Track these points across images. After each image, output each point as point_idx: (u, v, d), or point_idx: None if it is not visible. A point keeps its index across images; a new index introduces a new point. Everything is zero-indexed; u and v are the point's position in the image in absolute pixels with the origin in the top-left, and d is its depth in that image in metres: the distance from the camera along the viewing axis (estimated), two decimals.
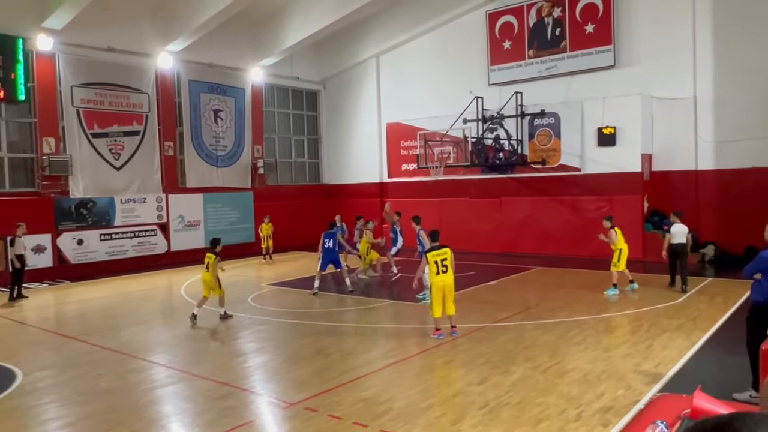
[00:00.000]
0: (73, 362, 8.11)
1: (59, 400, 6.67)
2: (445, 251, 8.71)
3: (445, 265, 8.61)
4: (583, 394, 6.19)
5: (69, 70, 16.55)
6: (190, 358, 8.25)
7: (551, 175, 17.77)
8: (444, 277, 8.59)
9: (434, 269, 8.59)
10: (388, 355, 8.07)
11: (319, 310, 11.39)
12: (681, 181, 16.46)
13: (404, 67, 21.78)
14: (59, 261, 16.28)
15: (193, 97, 19.66)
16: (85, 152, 16.94)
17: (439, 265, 8.58)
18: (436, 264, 8.58)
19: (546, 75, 18.45)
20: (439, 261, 8.59)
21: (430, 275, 8.69)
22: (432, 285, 8.69)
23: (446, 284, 8.60)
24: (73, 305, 12.91)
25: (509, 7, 19.11)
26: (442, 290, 8.58)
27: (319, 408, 6.07)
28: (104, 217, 17.29)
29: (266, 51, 20.75)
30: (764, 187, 14.93)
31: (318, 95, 24.50)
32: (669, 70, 16.26)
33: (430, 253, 8.73)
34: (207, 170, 20.03)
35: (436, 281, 8.58)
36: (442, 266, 8.59)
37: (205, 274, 10.52)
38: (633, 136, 16.37)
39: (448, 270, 8.65)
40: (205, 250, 11.23)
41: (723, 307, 10.22)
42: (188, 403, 6.58)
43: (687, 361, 7.31)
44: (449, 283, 8.63)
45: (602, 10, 17.29)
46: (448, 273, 8.64)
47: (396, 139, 21.75)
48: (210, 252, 10.56)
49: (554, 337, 8.55)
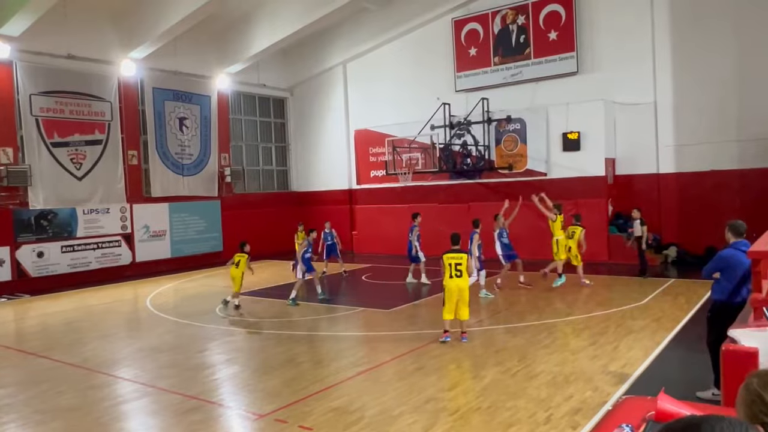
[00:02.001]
0: (34, 379, 7.85)
1: (19, 419, 6.44)
2: (462, 256, 8.69)
3: (459, 270, 8.58)
4: (552, 397, 6.26)
5: (27, 78, 16.10)
6: (156, 372, 8.06)
7: (518, 179, 17.99)
8: (458, 281, 8.58)
9: (448, 272, 8.61)
10: (359, 362, 8.03)
11: (289, 319, 11.27)
12: (643, 184, 16.86)
13: (371, 74, 21.83)
14: (18, 275, 15.75)
15: (158, 105, 19.33)
16: (45, 162, 16.48)
17: (453, 269, 8.57)
18: (450, 267, 8.58)
19: (511, 81, 18.72)
20: (453, 264, 8.58)
21: (444, 278, 8.68)
22: (445, 288, 8.69)
23: (461, 288, 8.60)
24: (34, 320, 12.51)
25: (474, 14, 19.35)
26: (455, 294, 8.58)
27: (289, 419, 5.99)
28: (66, 228, 16.82)
29: (232, 58, 20.55)
30: (722, 188, 15.41)
31: (285, 102, 24.37)
32: (630, 76, 16.67)
33: (446, 255, 8.72)
34: (173, 179, 19.68)
35: (450, 285, 8.59)
36: (456, 270, 8.57)
37: (233, 270, 11.95)
38: (597, 141, 16.72)
39: (463, 274, 8.62)
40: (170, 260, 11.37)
41: (686, 306, 10.48)
42: (154, 418, 6.43)
43: (652, 361, 7.46)
44: (464, 287, 8.63)
45: (564, 18, 17.64)
46: (462, 277, 8.61)
47: (364, 145, 21.76)
48: (240, 252, 12.05)
49: (523, 341, 8.64)
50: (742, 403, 1.79)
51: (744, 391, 1.81)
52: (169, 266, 18.95)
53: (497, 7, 18.83)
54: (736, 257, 6.05)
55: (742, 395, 1.81)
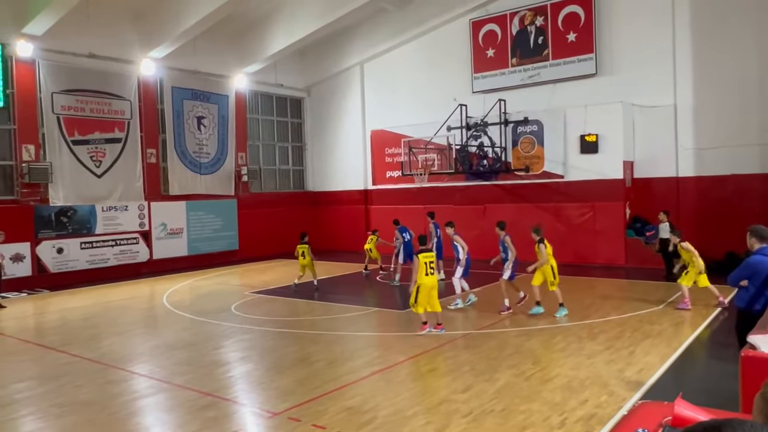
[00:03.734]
0: (52, 373, 7.97)
1: (37, 412, 6.53)
2: (433, 255, 9.44)
3: (432, 268, 9.19)
4: (566, 401, 6.21)
5: (49, 76, 16.35)
6: (171, 368, 8.14)
7: (535, 182, 17.89)
8: (432, 278, 9.18)
9: (424, 270, 9.09)
10: (372, 363, 8.04)
11: (303, 318, 11.32)
12: (662, 188, 16.66)
13: (389, 75, 21.85)
14: (38, 270, 16.01)
15: (176, 104, 19.53)
16: (66, 159, 16.73)
17: (428, 267, 9.12)
18: (426, 265, 9.10)
19: (529, 83, 18.62)
20: (428, 263, 9.15)
21: (420, 276, 9.09)
22: (421, 285, 9.10)
23: (433, 285, 9.20)
24: (53, 315, 12.70)
25: (492, 15, 19.28)
26: (429, 290, 9.12)
27: (303, 418, 6.01)
28: (85, 225, 17.06)
29: (250, 58, 20.70)
30: (743, 193, 15.18)
31: (302, 102, 24.47)
32: (649, 78, 16.49)
33: (421, 254, 9.22)
34: (190, 177, 19.87)
35: (426, 282, 9.08)
36: (430, 268, 9.14)
37: (302, 260, 13.86)
38: (615, 144, 16.56)
39: (434, 272, 9.26)
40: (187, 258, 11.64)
41: (704, 312, 10.33)
42: (169, 414, 6.49)
43: (669, 367, 7.36)
44: (435, 284, 9.28)
45: (584, 19, 17.51)
46: (434, 275, 9.26)
47: (380, 146, 21.78)
48: (302, 243, 13.92)
49: (538, 344, 8.59)
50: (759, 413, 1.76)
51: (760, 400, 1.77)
52: (185, 264, 19.12)
53: (515, 9, 18.74)
54: (764, 264, 5.90)
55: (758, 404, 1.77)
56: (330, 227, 23.23)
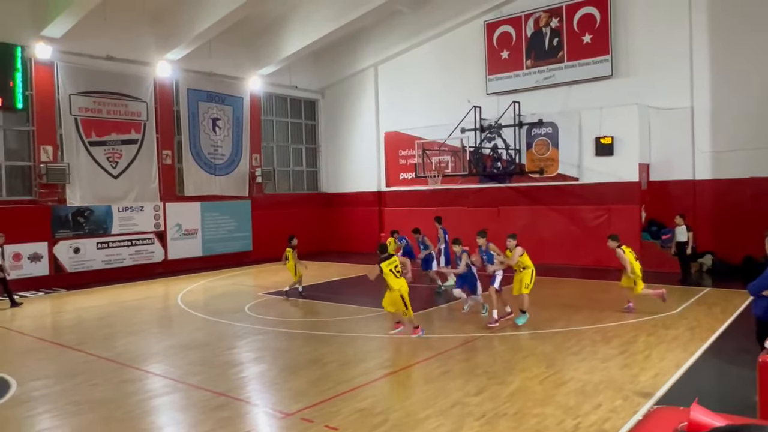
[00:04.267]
0: (69, 372, 8.06)
1: (54, 410, 6.62)
2: (397, 259, 9.59)
3: (398, 271, 9.39)
4: (580, 405, 6.16)
5: (67, 78, 16.57)
6: (186, 368, 8.19)
7: (549, 184, 17.79)
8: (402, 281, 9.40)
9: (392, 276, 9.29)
10: (385, 364, 8.04)
11: (315, 320, 11.35)
12: (678, 191, 16.48)
13: (402, 77, 21.86)
14: (56, 269, 16.21)
15: (192, 106, 19.69)
16: (83, 160, 16.93)
17: (395, 272, 9.31)
18: (391, 272, 9.25)
19: (544, 85, 18.52)
20: (393, 268, 9.32)
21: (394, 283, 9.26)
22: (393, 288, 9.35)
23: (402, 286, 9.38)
24: (69, 314, 12.85)
25: (507, 17, 19.21)
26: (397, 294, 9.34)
27: (315, 419, 6.03)
28: (101, 225, 17.25)
29: (265, 60, 20.82)
30: (761, 196, 14.96)
31: (316, 104, 24.55)
32: (666, 80, 16.33)
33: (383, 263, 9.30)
34: (205, 179, 20.01)
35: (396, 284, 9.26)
36: (397, 271, 9.34)
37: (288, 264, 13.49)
38: (631, 146, 16.41)
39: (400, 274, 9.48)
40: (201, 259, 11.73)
41: (721, 317, 10.20)
42: (183, 413, 6.53)
43: (685, 372, 7.28)
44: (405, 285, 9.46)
45: (599, 21, 17.39)
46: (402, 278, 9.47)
47: (394, 148, 21.79)
48: (289, 246, 13.49)
49: (551, 347, 8.53)
50: None
51: None
52: (200, 264, 19.26)
53: (530, 10, 18.66)
54: None
55: None
56: (343, 229, 23.28)
